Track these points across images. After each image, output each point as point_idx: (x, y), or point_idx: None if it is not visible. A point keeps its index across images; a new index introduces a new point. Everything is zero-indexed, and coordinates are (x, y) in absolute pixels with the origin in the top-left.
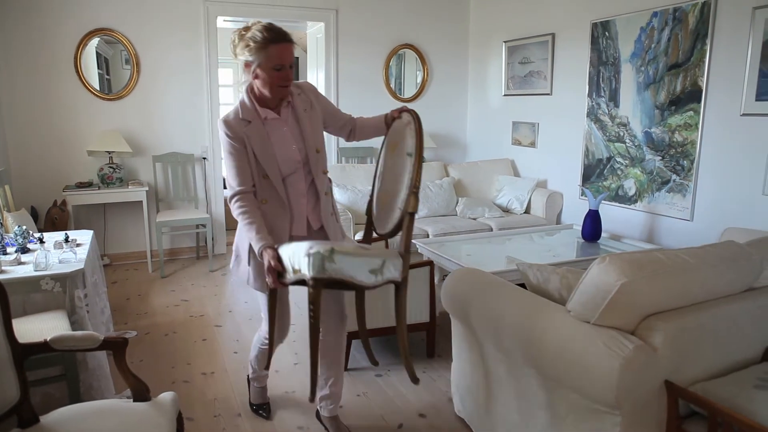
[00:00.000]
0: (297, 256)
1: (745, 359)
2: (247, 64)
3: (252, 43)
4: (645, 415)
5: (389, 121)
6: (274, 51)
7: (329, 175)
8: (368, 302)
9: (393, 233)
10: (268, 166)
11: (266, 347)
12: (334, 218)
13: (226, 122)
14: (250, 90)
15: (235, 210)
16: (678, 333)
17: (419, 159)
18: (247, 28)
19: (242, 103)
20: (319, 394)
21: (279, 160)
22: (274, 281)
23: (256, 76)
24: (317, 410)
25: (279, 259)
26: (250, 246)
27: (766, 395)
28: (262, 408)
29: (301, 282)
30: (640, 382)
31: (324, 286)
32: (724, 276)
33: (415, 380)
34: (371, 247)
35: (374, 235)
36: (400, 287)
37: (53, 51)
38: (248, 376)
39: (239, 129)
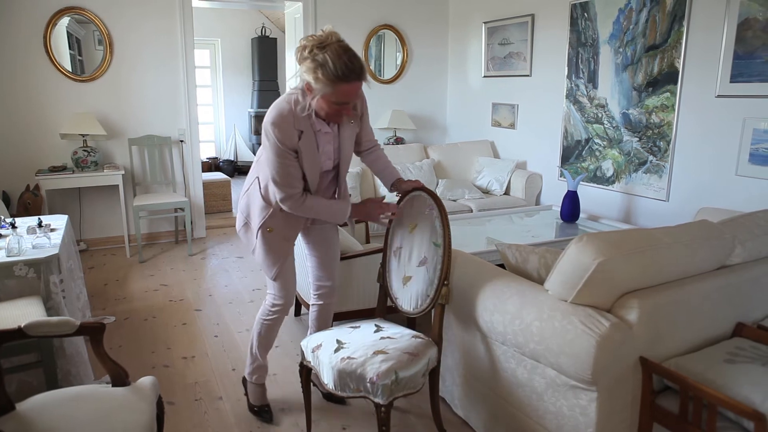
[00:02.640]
0: (355, 378)
1: (717, 335)
2: (309, 87)
3: (321, 75)
4: (620, 390)
5: (399, 187)
6: (343, 89)
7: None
8: (348, 286)
9: (419, 314)
10: (310, 173)
11: (271, 319)
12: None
13: (281, 129)
14: (313, 98)
15: (298, 208)
16: (653, 310)
17: (449, 251)
18: (322, 45)
19: (294, 108)
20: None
21: (321, 169)
22: (387, 207)
23: (313, 97)
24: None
25: (378, 201)
26: (263, 222)
27: (736, 369)
28: (265, 410)
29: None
30: (616, 358)
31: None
32: (698, 254)
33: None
34: (401, 333)
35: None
36: (435, 370)
37: (21, 30)
38: (244, 377)
39: (294, 138)
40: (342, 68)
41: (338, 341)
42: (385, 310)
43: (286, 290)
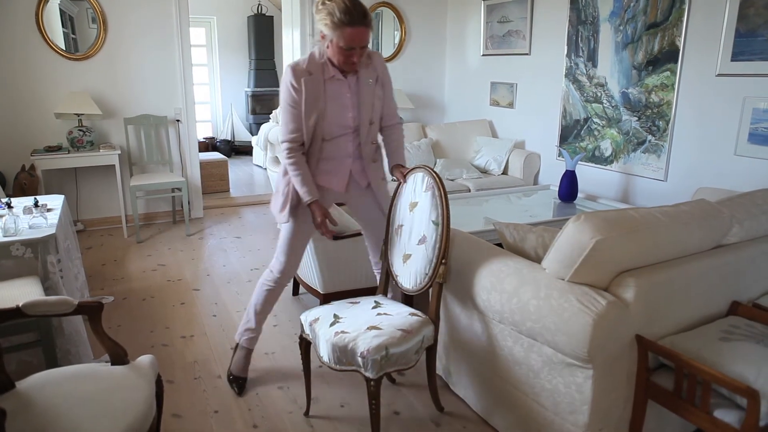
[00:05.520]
0: (347, 352)
1: (712, 313)
2: (322, 35)
3: (329, 20)
4: (616, 368)
5: (394, 173)
6: (348, 34)
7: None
8: (348, 266)
9: (418, 291)
10: (309, 121)
11: (272, 287)
12: (384, 183)
13: (293, 70)
14: (328, 47)
15: (285, 158)
16: (649, 289)
17: (447, 229)
18: None
19: (312, 55)
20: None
21: (327, 120)
22: (327, 231)
23: (328, 47)
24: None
25: (326, 212)
26: (290, 188)
27: (730, 347)
28: (239, 381)
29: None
30: (612, 336)
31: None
32: (695, 234)
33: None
34: (399, 310)
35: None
36: (431, 348)
37: (12, 7)
38: (236, 346)
39: (300, 78)
40: (345, 14)
41: (335, 315)
42: (387, 287)
43: (279, 263)
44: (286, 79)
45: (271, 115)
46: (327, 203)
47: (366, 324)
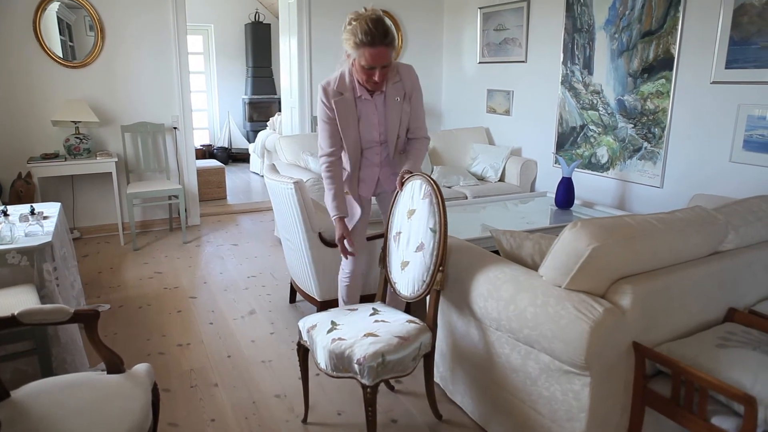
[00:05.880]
0: (344, 359)
1: (709, 320)
2: (347, 54)
3: (352, 41)
4: (613, 375)
5: (398, 177)
6: (368, 54)
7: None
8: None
9: (416, 299)
10: (348, 138)
11: (348, 282)
12: None
13: (324, 89)
14: (353, 65)
15: (322, 171)
16: (646, 296)
17: (445, 237)
18: (357, 17)
19: (342, 76)
20: None
21: (360, 135)
22: (343, 250)
23: (353, 64)
24: None
25: (347, 231)
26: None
27: (727, 354)
28: None
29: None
30: (609, 343)
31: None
32: (691, 240)
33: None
34: (396, 317)
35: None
36: (429, 355)
37: (9, 15)
38: None
39: (330, 98)
40: (366, 35)
41: (333, 322)
42: (386, 294)
43: (348, 262)
44: (318, 96)
45: (268, 123)
46: (365, 205)
47: (363, 331)
